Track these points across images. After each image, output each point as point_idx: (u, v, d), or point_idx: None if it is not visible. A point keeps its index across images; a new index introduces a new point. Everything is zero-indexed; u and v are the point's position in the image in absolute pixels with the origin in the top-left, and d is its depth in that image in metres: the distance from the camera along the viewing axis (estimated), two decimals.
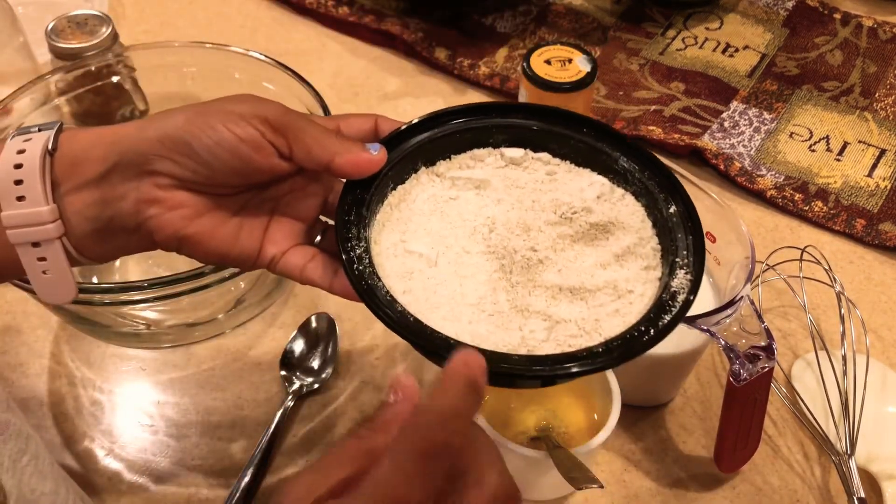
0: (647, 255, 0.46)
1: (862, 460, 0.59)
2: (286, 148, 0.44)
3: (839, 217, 0.76)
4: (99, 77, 0.75)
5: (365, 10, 0.95)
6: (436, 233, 0.47)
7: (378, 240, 0.46)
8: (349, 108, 0.87)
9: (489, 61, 0.90)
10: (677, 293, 0.43)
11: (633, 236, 0.47)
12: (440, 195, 0.49)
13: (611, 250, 0.47)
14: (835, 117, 0.85)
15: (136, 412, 0.64)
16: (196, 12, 0.98)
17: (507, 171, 0.50)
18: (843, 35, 0.94)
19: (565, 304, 0.45)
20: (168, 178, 0.43)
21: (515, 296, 0.45)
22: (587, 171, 0.50)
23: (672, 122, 0.84)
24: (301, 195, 0.47)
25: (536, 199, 0.48)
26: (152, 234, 0.44)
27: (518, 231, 0.47)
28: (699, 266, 0.44)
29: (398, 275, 0.44)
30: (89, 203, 0.43)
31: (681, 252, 0.45)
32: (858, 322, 0.67)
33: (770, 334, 0.54)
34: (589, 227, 0.47)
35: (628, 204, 0.48)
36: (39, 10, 0.93)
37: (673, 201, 0.47)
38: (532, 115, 0.50)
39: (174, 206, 0.44)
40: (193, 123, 0.43)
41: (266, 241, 0.47)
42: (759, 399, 0.55)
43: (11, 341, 0.67)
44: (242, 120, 0.43)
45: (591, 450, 0.53)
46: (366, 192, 0.45)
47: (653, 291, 0.45)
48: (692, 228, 0.46)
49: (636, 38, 0.94)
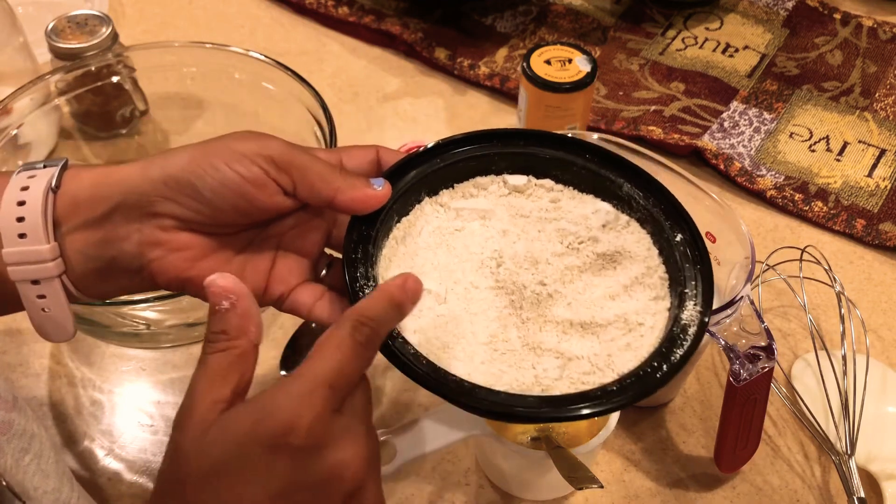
0: (655, 286, 0.47)
1: (862, 460, 0.59)
2: (290, 185, 0.44)
3: (839, 217, 0.76)
4: (99, 77, 0.75)
5: (365, 10, 0.95)
6: (443, 267, 0.47)
7: (385, 276, 0.45)
8: (349, 108, 0.87)
9: (489, 61, 0.90)
10: (688, 326, 0.43)
11: (641, 266, 0.47)
12: (445, 227, 0.48)
13: (619, 280, 0.47)
14: (835, 117, 0.85)
15: (136, 412, 0.64)
16: (196, 12, 0.98)
17: (510, 199, 0.50)
18: (843, 35, 0.94)
19: (577, 339, 0.45)
20: (172, 220, 0.43)
21: (527, 332, 0.45)
22: (591, 198, 0.50)
23: (672, 122, 0.84)
24: (305, 230, 0.47)
25: (542, 229, 0.49)
26: (154, 276, 0.44)
27: (526, 265, 0.47)
28: (708, 297, 0.44)
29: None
30: (91, 243, 0.43)
31: (689, 282, 0.45)
32: (858, 322, 0.67)
33: (770, 334, 0.54)
34: (596, 258, 0.47)
35: (634, 231, 0.48)
36: (39, 10, 0.93)
37: (679, 229, 0.47)
38: (534, 141, 0.50)
39: (177, 248, 0.44)
40: (197, 164, 0.43)
41: (272, 280, 0.47)
42: (759, 399, 0.55)
43: (11, 341, 0.67)
44: (246, 159, 0.43)
45: (591, 450, 0.53)
46: (371, 228, 0.45)
47: (663, 323, 0.45)
48: (699, 258, 0.46)
49: (636, 38, 0.94)
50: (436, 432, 0.51)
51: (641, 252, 0.47)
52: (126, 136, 0.80)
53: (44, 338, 0.45)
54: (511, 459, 0.55)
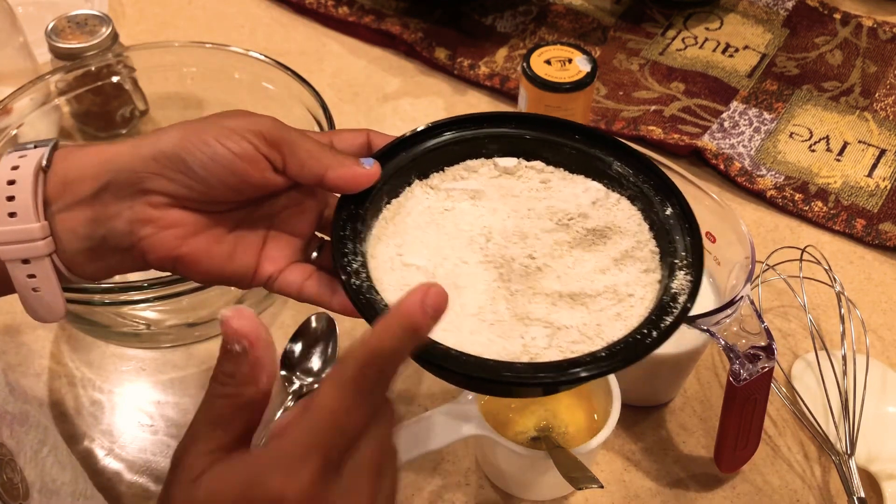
0: (646, 259, 0.46)
1: (862, 460, 0.59)
2: (280, 162, 0.44)
3: (839, 217, 0.76)
4: (99, 77, 0.75)
5: (365, 10, 0.95)
6: (432, 245, 0.47)
7: (375, 254, 0.46)
8: (349, 108, 0.87)
9: (489, 61, 0.90)
10: (678, 294, 0.43)
11: (631, 240, 0.47)
12: (435, 207, 0.49)
13: (609, 255, 0.47)
14: (835, 117, 0.85)
15: (136, 412, 0.64)
16: (196, 12, 0.98)
17: (501, 180, 0.50)
18: (843, 35, 0.94)
19: (566, 310, 0.44)
20: (162, 197, 0.43)
21: (515, 304, 0.44)
22: (581, 178, 0.50)
23: (672, 122, 0.84)
24: (296, 211, 0.47)
25: (532, 207, 0.48)
26: (145, 254, 0.44)
27: (515, 239, 0.47)
28: (698, 266, 0.44)
29: (396, 288, 0.44)
30: (82, 221, 0.43)
31: (679, 253, 0.45)
32: (858, 322, 0.67)
33: (770, 334, 0.54)
34: (586, 233, 0.47)
35: (624, 208, 0.48)
36: (39, 10, 0.93)
37: (669, 203, 0.47)
38: (524, 123, 0.50)
39: (168, 225, 0.43)
40: (188, 140, 0.42)
41: (262, 259, 0.46)
42: (759, 399, 0.55)
43: (11, 341, 0.67)
44: (236, 134, 0.43)
45: (591, 450, 0.53)
46: (360, 207, 0.45)
47: (653, 294, 0.45)
48: (689, 229, 0.46)
49: (636, 38, 0.94)
50: (435, 432, 0.51)
51: (632, 227, 0.47)
52: (126, 136, 0.80)
53: (34, 318, 0.45)
54: (511, 459, 0.55)
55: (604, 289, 0.45)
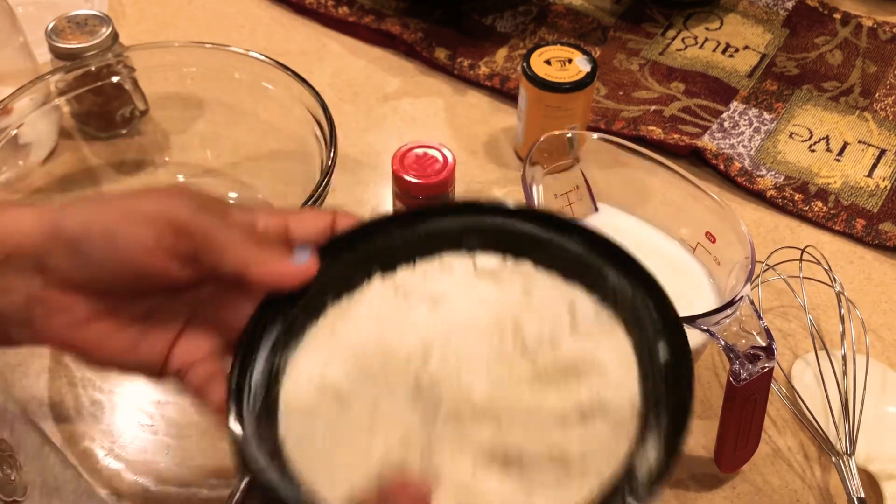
0: (622, 416, 0.37)
1: (862, 460, 0.59)
2: (192, 254, 0.39)
3: (839, 217, 0.76)
4: (99, 77, 0.75)
5: (365, 10, 0.95)
6: (364, 361, 0.40)
7: (297, 365, 0.40)
8: (349, 108, 0.87)
9: (489, 61, 0.90)
10: (637, 484, 0.35)
11: (612, 387, 0.38)
12: (385, 310, 0.41)
13: (576, 399, 0.38)
14: (835, 117, 0.85)
15: (136, 412, 0.64)
16: (196, 12, 0.98)
17: (475, 284, 0.42)
18: (843, 35, 0.94)
19: (494, 476, 0.37)
20: (57, 278, 0.39)
21: (431, 456, 0.37)
22: (570, 289, 0.42)
23: (672, 122, 0.84)
24: (225, 302, 0.42)
25: (497, 323, 0.40)
26: (41, 335, 0.40)
27: (459, 366, 0.39)
28: (675, 444, 0.36)
29: (302, 413, 0.39)
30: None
31: (662, 417, 0.37)
32: (858, 322, 0.67)
33: (770, 334, 0.54)
34: (555, 368, 0.39)
35: (614, 338, 0.40)
36: (39, 10, 0.93)
37: (667, 343, 0.39)
38: (516, 216, 0.44)
39: (60, 308, 0.40)
40: (92, 221, 0.39)
41: (174, 353, 0.41)
42: (759, 399, 0.55)
43: None
44: (143, 221, 0.39)
45: None
46: (292, 305, 0.39)
47: (611, 471, 0.36)
48: (684, 384, 0.37)
49: (636, 38, 0.94)
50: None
51: (615, 369, 0.39)
52: (126, 136, 0.80)
53: None
54: None
55: (550, 452, 0.37)
